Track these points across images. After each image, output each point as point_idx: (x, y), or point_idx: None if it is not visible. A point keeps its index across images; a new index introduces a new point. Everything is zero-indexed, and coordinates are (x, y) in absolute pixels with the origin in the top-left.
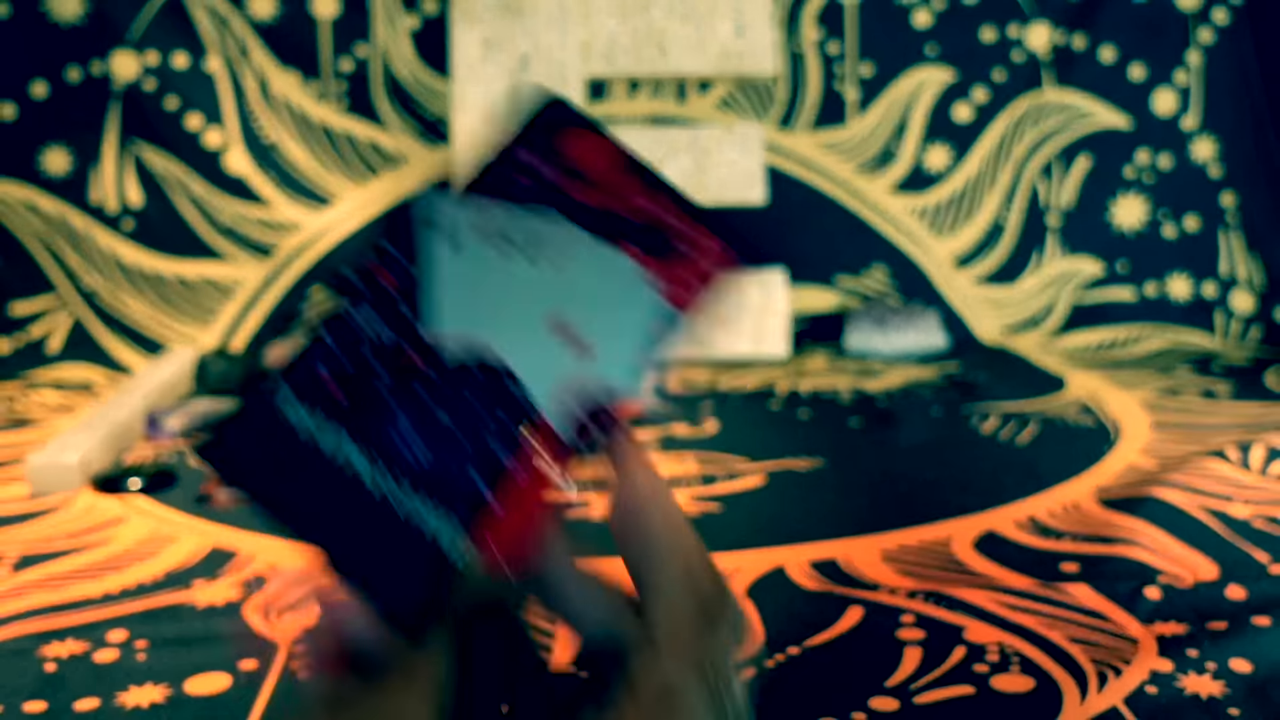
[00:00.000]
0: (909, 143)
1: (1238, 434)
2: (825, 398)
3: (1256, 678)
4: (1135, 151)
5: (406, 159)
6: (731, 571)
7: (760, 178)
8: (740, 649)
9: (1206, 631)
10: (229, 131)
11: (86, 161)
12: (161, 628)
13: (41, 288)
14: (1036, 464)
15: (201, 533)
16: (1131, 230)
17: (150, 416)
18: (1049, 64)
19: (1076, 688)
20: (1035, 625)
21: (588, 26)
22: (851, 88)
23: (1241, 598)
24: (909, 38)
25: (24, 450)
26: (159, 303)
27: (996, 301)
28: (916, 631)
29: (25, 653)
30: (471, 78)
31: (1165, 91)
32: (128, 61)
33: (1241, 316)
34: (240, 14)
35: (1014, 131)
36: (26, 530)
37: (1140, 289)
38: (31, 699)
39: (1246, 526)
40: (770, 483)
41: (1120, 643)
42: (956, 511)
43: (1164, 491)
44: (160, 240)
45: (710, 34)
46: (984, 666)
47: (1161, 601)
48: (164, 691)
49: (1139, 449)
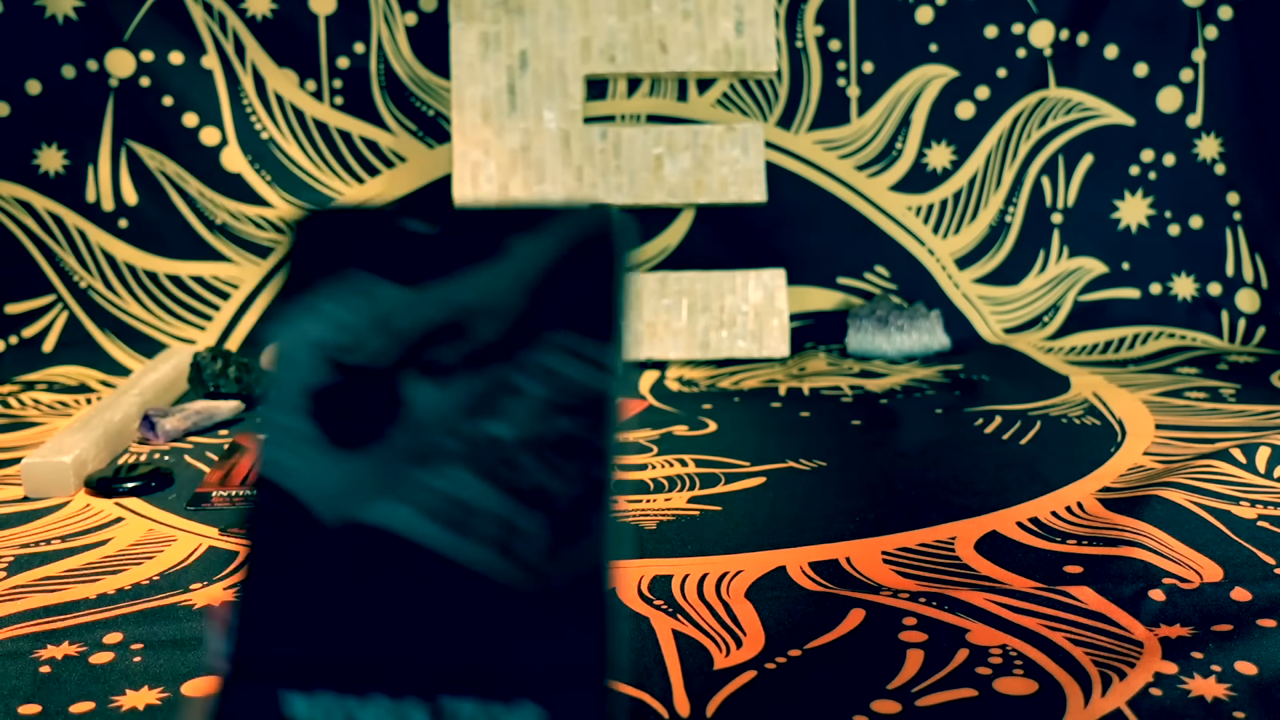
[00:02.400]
0: (911, 141)
1: (1243, 435)
2: (826, 398)
3: (1262, 680)
4: (1139, 150)
5: (404, 157)
6: (732, 572)
7: (761, 176)
8: None
9: (1211, 634)
10: (225, 129)
11: (82, 160)
12: (158, 630)
13: (36, 287)
14: (1040, 465)
15: (198, 535)
16: (1135, 229)
17: (146, 417)
18: (1052, 61)
19: (1080, 690)
20: (1038, 627)
21: (587, 24)
22: (853, 85)
23: (1247, 600)
24: (911, 35)
25: (19, 451)
26: (154, 303)
27: (999, 301)
28: (918, 634)
29: (20, 655)
30: (470, 75)
31: (1170, 89)
32: (123, 59)
33: (1246, 316)
34: (236, 11)
35: (1017, 130)
36: (21, 532)
37: (1144, 288)
38: (26, 702)
39: (1252, 528)
40: (770, 483)
41: (1124, 645)
42: (959, 512)
43: (1168, 492)
44: (156, 239)
45: (711, 31)
46: (987, 669)
47: (1166, 603)
48: (161, 694)
49: (1143, 449)
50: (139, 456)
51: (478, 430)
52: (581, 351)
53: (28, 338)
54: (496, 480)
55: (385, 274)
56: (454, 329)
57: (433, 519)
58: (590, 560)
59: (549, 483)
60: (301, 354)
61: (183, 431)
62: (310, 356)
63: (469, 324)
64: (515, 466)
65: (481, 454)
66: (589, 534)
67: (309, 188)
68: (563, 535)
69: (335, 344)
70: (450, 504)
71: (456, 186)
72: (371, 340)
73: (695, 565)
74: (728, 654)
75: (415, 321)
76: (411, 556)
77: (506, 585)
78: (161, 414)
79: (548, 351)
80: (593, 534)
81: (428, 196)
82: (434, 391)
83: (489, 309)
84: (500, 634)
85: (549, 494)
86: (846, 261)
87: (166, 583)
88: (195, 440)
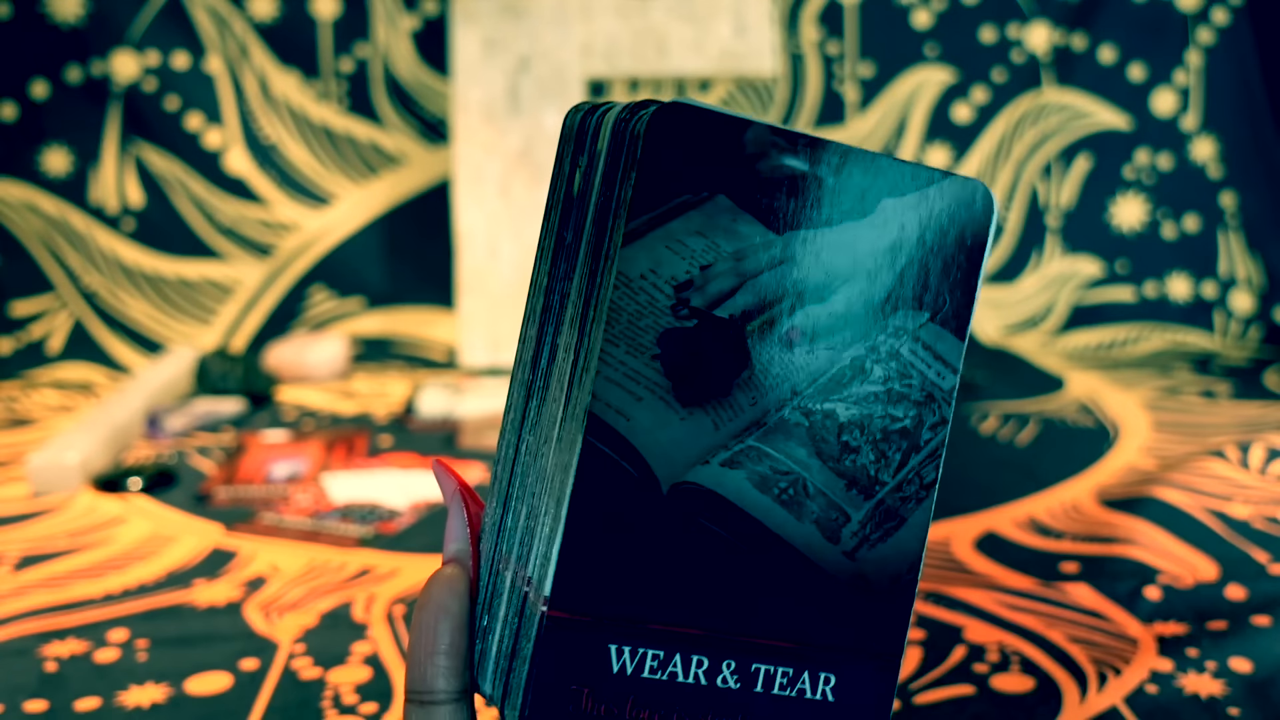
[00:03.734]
0: (909, 143)
1: (1237, 434)
2: None
3: (1256, 677)
4: (1135, 151)
5: (406, 159)
6: None
7: None
8: None
9: (1206, 631)
10: (229, 131)
11: (87, 162)
12: (162, 627)
13: (42, 288)
14: (1036, 464)
15: (202, 533)
16: (1131, 230)
17: (151, 416)
18: (1049, 64)
19: (1076, 687)
20: (1035, 625)
21: (588, 27)
22: (851, 88)
23: (1241, 597)
24: (909, 38)
25: (25, 450)
26: (159, 303)
27: (996, 301)
28: (917, 631)
29: (26, 652)
30: (472, 78)
31: (1165, 91)
32: (128, 62)
33: (1241, 317)
34: (241, 14)
35: (1014, 131)
36: (27, 530)
37: (1140, 289)
38: (32, 698)
39: (1246, 526)
40: None
41: (1120, 642)
42: (956, 511)
43: (1164, 491)
44: (160, 240)
45: (710, 34)
46: (984, 666)
47: (1161, 601)
48: (165, 691)
49: (1139, 449)
50: (144, 455)
51: (823, 407)
52: (936, 350)
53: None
54: (834, 463)
55: (749, 209)
56: (813, 289)
57: (765, 491)
58: (908, 557)
59: (882, 473)
60: (656, 288)
61: (187, 430)
62: (664, 293)
63: (828, 287)
64: (853, 451)
65: (823, 433)
66: (910, 531)
67: (309, 188)
68: (887, 528)
69: (692, 283)
70: (786, 479)
71: (458, 187)
72: (727, 284)
73: None
74: None
75: (775, 273)
76: (738, 525)
77: (823, 568)
78: (166, 413)
79: (903, 338)
80: (913, 531)
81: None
82: (785, 357)
83: (851, 274)
84: (813, 612)
85: (880, 484)
86: None
87: (171, 581)
88: (200, 439)
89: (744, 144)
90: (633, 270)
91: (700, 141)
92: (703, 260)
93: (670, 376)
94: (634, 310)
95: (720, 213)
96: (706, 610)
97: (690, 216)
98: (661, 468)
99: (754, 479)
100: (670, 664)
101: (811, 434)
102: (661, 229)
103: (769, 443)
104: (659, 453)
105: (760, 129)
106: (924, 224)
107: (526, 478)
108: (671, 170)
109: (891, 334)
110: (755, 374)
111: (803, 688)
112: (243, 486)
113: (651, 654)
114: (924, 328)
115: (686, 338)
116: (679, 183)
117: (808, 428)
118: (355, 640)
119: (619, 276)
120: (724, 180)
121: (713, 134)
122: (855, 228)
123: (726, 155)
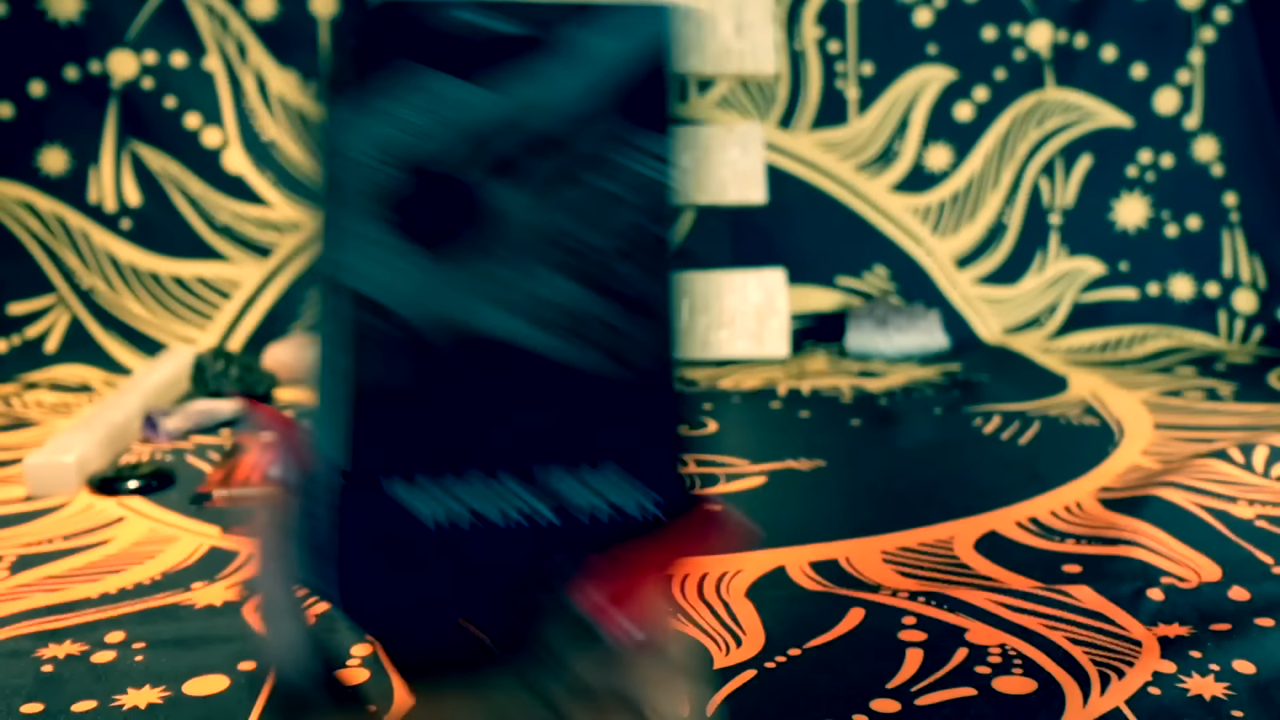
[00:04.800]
0: (910, 142)
1: (1241, 434)
2: (826, 398)
3: (1260, 679)
4: (1137, 151)
5: None
6: (732, 572)
7: (761, 177)
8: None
9: (1210, 633)
10: (227, 130)
11: (85, 161)
12: (160, 629)
13: (39, 288)
14: (1038, 464)
15: (200, 534)
16: (1133, 230)
17: (148, 417)
18: (1050, 63)
19: (1079, 689)
20: (1037, 627)
21: None
22: (852, 87)
23: (1245, 599)
24: (910, 37)
25: (21, 451)
26: (157, 303)
27: (998, 301)
28: (918, 633)
29: (23, 654)
30: None
31: (1167, 91)
32: (126, 61)
33: (1244, 316)
34: (239, 13)
35: (1016, 130)
36: (24, 531)
37: (1142, 289)
38: (29, 700)
39: (1249, 527)
40: (770, 483)
41: (1123, 644)
42: (958, 512)
43: (1166, 492)
44: (158, 240)
45: (710, 33)
46: (986, 668)
47: (1164, 603)
48: (162, 693)
49: (1141, 449)
50: (142, 456)
51: (575, 240)
52: (640, 145)
53: (31, 338)
54: (599, 288)
55: (448, 69)
56: (523, 127)
57: (546, 329)
58: (669, 346)
59: (649, 288)
60: (365, 154)
61: (184, 431)
62: (374, 157)
63: (537, 121)
64: (613, 274)
65: (583, 263)
66: (665, 325)
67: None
68: (656, 333)
69: (401, 143)
70: (561, 314)
71: None
72: (440, 138)
73: (695, 565)
74: (727, 653)
75: (484, 119)
76: (525, 364)
77: (610, 379)
78: (163, 413)
79: (612, 146)
80: (666, 323)
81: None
82: (525, 199)
83: (555, 107)
84: (593, 419)
85: (647, 297)
86: (846, 261)
87: (168, 582)
88: (197, 440)
89: (432, 20)
90: (344, 144)
91: (391, 27)
92: (410, 121)
93: (403, 232)
94: (354, 181)
95: (421, 78)
96: (494, 440)
97: (391, 88)
98: (409, 312)
99: (534, 320)
100: (446, 485)
101: (574, 268)
102: (361, 103)
103: (538, 282)
104: (403, 299)
105: (445, 7)
106: (611, 50)
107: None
108: (365, 52)
109: (604, 144)
110: (499, 218)
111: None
112: (241, 487)
113: (430, 479)
114: (628, 131)
115: (411, 195)
116: (373, 61)
117: (569, 263)
118: (354, 641)
119: (331, 152)
120: (419, 51)
121: (402, 19)
122: (548, 64)
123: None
